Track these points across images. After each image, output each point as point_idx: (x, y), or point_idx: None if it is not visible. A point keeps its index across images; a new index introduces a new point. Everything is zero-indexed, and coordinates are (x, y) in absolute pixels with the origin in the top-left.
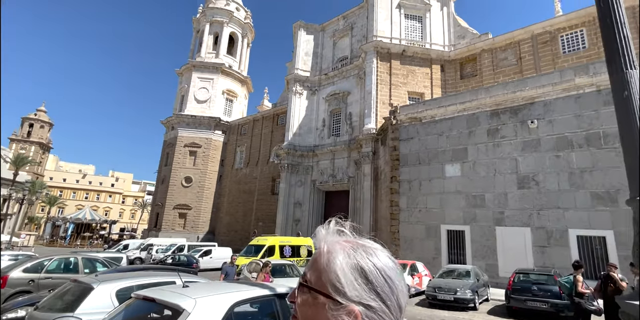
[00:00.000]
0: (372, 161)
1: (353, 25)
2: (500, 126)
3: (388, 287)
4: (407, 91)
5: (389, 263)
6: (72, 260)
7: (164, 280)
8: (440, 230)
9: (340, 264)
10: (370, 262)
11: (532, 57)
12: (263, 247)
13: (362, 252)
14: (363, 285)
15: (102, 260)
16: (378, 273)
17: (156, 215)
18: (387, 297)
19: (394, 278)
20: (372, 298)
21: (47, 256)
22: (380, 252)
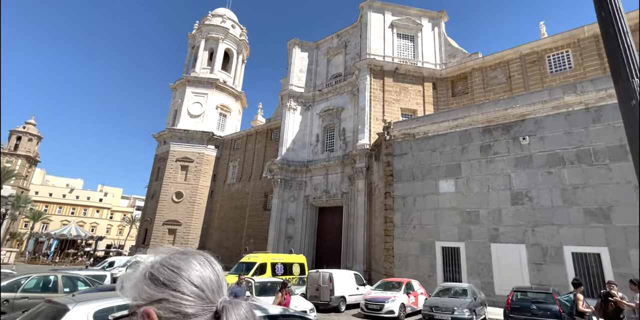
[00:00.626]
0: (366, 177)
1: (347, 43)
2: (493, 142)
3: (175, 274)
4: (400, 108)
5: (180, 257)
6: (52, 278)
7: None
8: (435, 247)
9: (134, 280)
10: (157, 263)
11: (521, 76)
12: (254, 265)
13: (159, 258)
14: (151, 286)
15: (84, 279)
16: (163, 267)
17: (145, 231)
18: (176, 283)
19: (183, 266)
20: (161, 291)
21: (25, 274)
22: (181, 255)
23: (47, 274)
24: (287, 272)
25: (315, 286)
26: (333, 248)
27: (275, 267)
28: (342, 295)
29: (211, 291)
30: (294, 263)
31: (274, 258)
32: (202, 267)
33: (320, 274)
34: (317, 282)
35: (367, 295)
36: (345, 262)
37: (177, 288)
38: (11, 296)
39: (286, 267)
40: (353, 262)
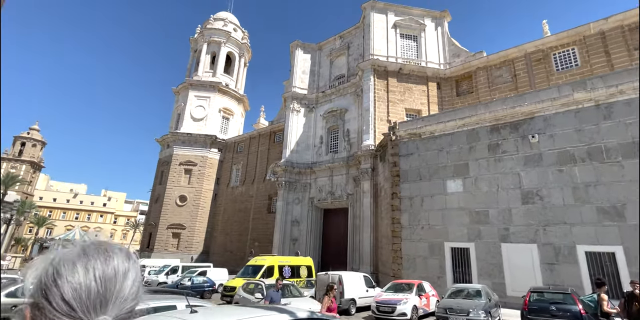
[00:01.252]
0: (372, 178)
1: (350, 44)
2: (501, 141)
3: (52, 281)
4: (404, 108)
5: (75, 254)
6: None
7: (163, 305)
8: (444, 248)
9: (35, 270)
10: (59, 257)
11: (526, 75)
12: (261, 268)
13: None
14: (35, 284)
15: None
16: (57, 265)
17: (149, 236)
18: (49, 291)
19: (63, 271)
20: (37, 294)
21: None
22: (81, 251)
23: None
24: (294, 275)
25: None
26: (339, 250)
27: (282, 269)
28: (352, 297)
29: (85, 309)
30: (301, 265)
31: (281, 260)
32: (86, 274)
33: (330, 276)
34: (327, 284)
35: (378, 298)
36: (351, 264)
37: (48, 297)
38: (19, 302)
39: (293, 269)
40: (360, 264)
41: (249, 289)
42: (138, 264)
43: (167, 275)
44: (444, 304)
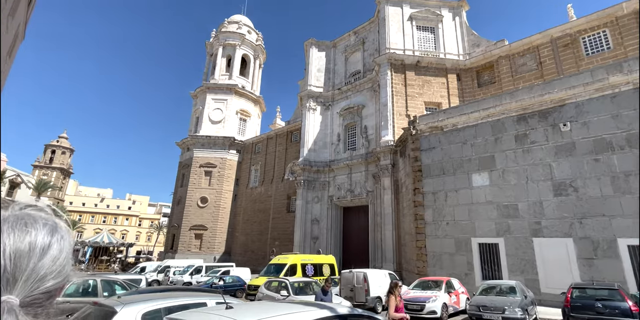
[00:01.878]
0: (392, 174)
1: (364, 39)
2: (529, 131)
3: None
4: (423, 102)
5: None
6: (91, 282)
7: (193, 302)
8: (471, 244)
9: None
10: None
11: (553, 61)
12: (284, 266)
13: None
14: None
15: (121, 283)
16: None
17: (172, 237)
18: None
19: None
20: None
21: None
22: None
23: (85, 278)
24: (317, 273)
25: (350, 287)
26: (360, 248)
27: (305, 268)
28: (377, 295)
29: None
30: (324, 264)
31: (303, 259)
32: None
33: (354, 274)
34: (351, 282)
35: (405, 295)
36: (374, 262)
37: None
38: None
39: (316, 267)
40: (382, 262)
41: (272, 287)
42: (67, 239)
43: (191, 275)
44: (477, 301)
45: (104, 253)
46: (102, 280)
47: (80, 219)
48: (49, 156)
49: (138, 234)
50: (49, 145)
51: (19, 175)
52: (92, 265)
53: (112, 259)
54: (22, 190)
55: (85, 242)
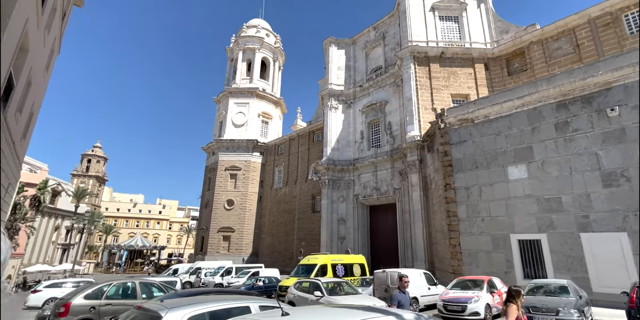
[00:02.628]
0: (420, 170)
1: (385, 34)
2: (571, 118)
3: None
4: (450, 94)
5: None
6: (130, 285)
7: (236, 306)
8: (510, 241)
9: None
10: None
11: (592, 43)
12: (315, 267)
13: None
14: None
15: (158, 285)
16: None
17: (201, 239)
18: None
19: None
20: None
21: (106, 282)
22: None
23: (124, 281)
24: (347, 273)
25: (384, 287)
26: (389, 247)
27: (335, 268)
28: (414, 296)
29: None
30: (354, 263)
31: (333, 259)
32: None
33: (388, 274)
34: (385, 282)
35: (444, 296)
36: (404, 262)
37: None
38: (96, 303)
39: (347, 268)
40: (413, 261)
41: (302, 288)
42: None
43: (222, 276)
44: (526, 302)
45: (138, 256)
46: (141, 283)
47: (116, 223)
48: (85, 165)
49: (169, 237)
50: (85, 155)
51: (60, 184)
52: (127, 268)
53: (145, 262)
54: (62, 198)
55: (121, 246)
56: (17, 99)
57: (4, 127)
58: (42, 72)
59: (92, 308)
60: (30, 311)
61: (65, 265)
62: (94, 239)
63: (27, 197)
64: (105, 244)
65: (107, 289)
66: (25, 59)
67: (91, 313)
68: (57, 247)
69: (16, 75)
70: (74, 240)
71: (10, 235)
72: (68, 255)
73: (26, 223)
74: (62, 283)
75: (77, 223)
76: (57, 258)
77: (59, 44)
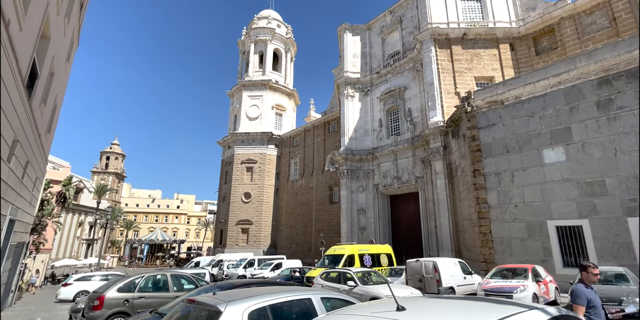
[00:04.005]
0: (444, 157)
1: (402, 17)
2: (615, 95)
3: None
4: (473, 77)
5: None
6: (161, 277)
7: (298, 298)
8: (546, 227)
9: None
10: None
11: (630, 15)
12: (342, 257)
13: None
14: None
15: (189, 277)
16: None
17: (220, 232)
18: None
19: None
20: None
21: (137, 274)
22: None
23: (155, 273)
24: (375, 264)
25: (418, 277)
26: (412, 237)
27: (363, 258)
28: (450, 285)
29: None
30: (381, 253)
31: (360, 249)
32: None
33: (422, 263)
34: (419, 272)
35: (486, 286)
36: (428, 251)
37: None
38: (130, 296)
39: (374, 258)
40: (438, 251)
41: (331, 278)
42: None
43: (245, 268)
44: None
45: (158, 250)
46: (172, 275)
47: (136, 219)
48: (104, 162)
49: (187, 231)
50: (104, 152)
51: (82, 181)
52: (149, 261)
53: (166, 255)
54: (85, 195)
55: (142, 240)
56: (41, 89)
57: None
58: (63, 63)
59: (126, 301)
60: (62, 304)
61: (90, 260)
62: (115, 234)
63: (53, 193)
64: (127, 239)
65: (139, 281)
66: (48, 47)
67: (125, 306)
68: (82, 242)
69: (39, 64)
70: (97, 235)
71: (38, 231)
72: (92, 249)
73: (53, 219)
74: (91, 276)
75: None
76: (82, 253)
77: (78, 35)
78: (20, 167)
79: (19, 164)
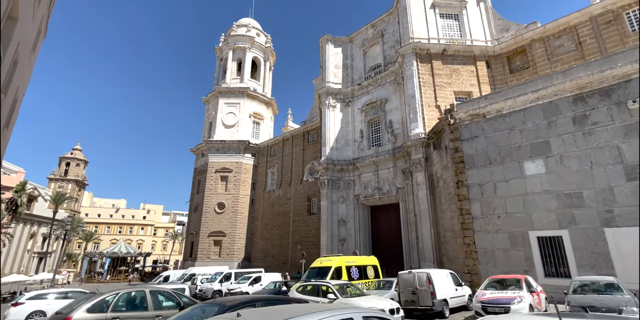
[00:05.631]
0: (426, 168)
1: (383, 32)
2: (589, 111)
3: None
4: (453, 91)
5: None
6: (136, 294)
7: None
8: (528, 238)
9: None
10: None
11: (594, 40)
12: (329, 270)
13: None
14: None
15: (170, 293)
16: None
17: (191, 245)
18: None
19: None
20: None
21: (111, 291)
22: None
23: (131, 289)
24: (362, 276)
25: (411, 289)
26: (392, 248)
27: (350, 270)
28: (444, 298)
29: None
30: (368, 265)
31: (347, 261)
32: None
33: (415, 275)
34: (413, 284)
35: (482, 297)
36: (409, 263)
37: None
38: (102, 317)
39: (360, 270)
40: (420, 262)
41: (307, 291)
42: None
43: (221, 282)
44: (579, 301)
45: (121, 263)
46: (151, 291)
47: (97, 230)
48: (63, 169)
49: (154, 243)
50: (63, 158)
51: (36, 189)
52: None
53: (130, 269)
54: (39, 204)
55: (103, 253)
56: (3, 75)
57: None
58: (28, 53)
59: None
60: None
61: (42, 275)
62: (72, 246)
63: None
64: (86, 252)
65: (112, 299)
66: (14, 29)
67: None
68: (33, 255)
69: (4, 47)
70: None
71: None
72: (45, 264)
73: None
74: (46, 294)
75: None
76: (32, 267)
77: (46, 25)
78: None
79: None
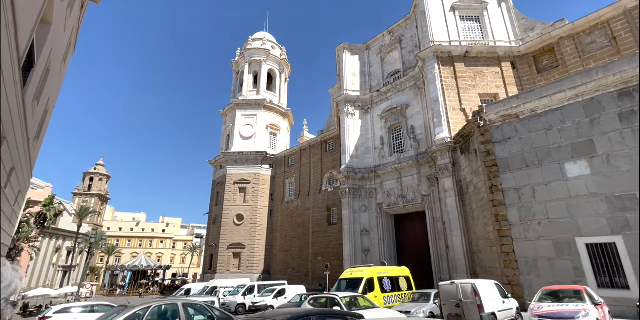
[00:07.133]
0: (453, 174)
1: (401, 37)
2: (638, 107)
3: None
4: (478, 94)
5: None
6: (168, 307)
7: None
8: (576, 245)
9: None
10: None
11: (630, 35)
12: (360, 281)
13: None
14: None
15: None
16: None
17: (210, 257)
18: None
19: None
20: None
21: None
22: None
23: (163, 302)
24: (394, 288)
25: (455, 302)
26: (419, 259)
27: (382, 282)
28: (492, 311)
29: None
30: (400, 276)
31: (379, 272)
32: None
33: (459, 287)
34: (456, 296)
35: (539, 310)
36: (439, 274)
37: None
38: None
39: (392, 281)
40: (451, 273)
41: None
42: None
43: (244, 295)
44: None
45: (142, 277)
46: (184, 304)
47: (118, 243)
48: (87, 184)
49: (173, 256)
50: (87, 173)
51: (62, 204)
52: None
53: (150, 282)
54: (64, 218)
55: (124, 266)
56: (36, 82)
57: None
58: (59, 63)
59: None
60: None
61: (66, 289)
62: (95, 260)
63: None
64: (108, 265)
65: (145, 313)
66: (48, 34)
67: None
68: (58, 269)
69: (38, 51)
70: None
71: (12, 257)
72: (69, 278)
73: (30, 243)
74: (72, 308)
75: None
76: (57, 281)
77: (76, 37)
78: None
79: (4, 169)
